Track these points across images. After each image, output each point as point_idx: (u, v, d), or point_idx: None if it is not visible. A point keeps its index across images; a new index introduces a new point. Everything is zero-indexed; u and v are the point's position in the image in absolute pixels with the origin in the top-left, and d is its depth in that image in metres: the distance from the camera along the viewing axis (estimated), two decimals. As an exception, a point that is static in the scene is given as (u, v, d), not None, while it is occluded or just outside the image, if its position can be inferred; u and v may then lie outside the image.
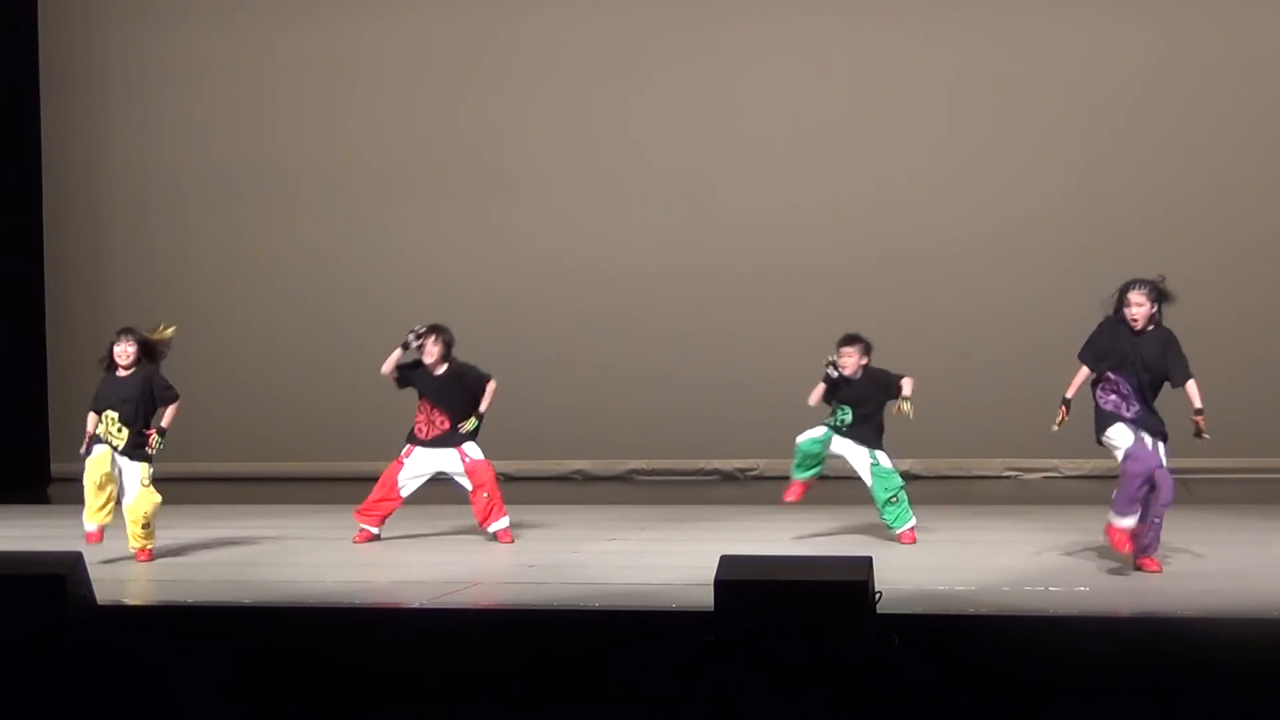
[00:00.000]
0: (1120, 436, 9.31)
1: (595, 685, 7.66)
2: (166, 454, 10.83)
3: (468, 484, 11.11)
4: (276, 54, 16.44)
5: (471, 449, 11.13)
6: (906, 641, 7.32)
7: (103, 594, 8.24)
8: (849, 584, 7.39)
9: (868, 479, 10.90)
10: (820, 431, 10.97)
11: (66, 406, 16.15)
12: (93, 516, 10.43)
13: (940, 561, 9.93)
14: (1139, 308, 9.44)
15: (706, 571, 7.67)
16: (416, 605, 8.56)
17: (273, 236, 16.44)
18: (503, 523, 11.04)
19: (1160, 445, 9.36)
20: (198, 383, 16.32)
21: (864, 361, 10.90)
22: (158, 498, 10.47)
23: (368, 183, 16.29)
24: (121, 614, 8.33)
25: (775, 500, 13.56)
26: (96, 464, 10.42)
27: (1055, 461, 15.19)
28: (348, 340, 16.07)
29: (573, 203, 16.03)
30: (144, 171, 16.65)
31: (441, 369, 11.19)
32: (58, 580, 7.89)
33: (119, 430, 10.48)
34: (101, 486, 10.41)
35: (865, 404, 10.87)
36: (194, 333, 16.48)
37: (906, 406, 10.79)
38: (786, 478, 15.62)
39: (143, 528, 10.45)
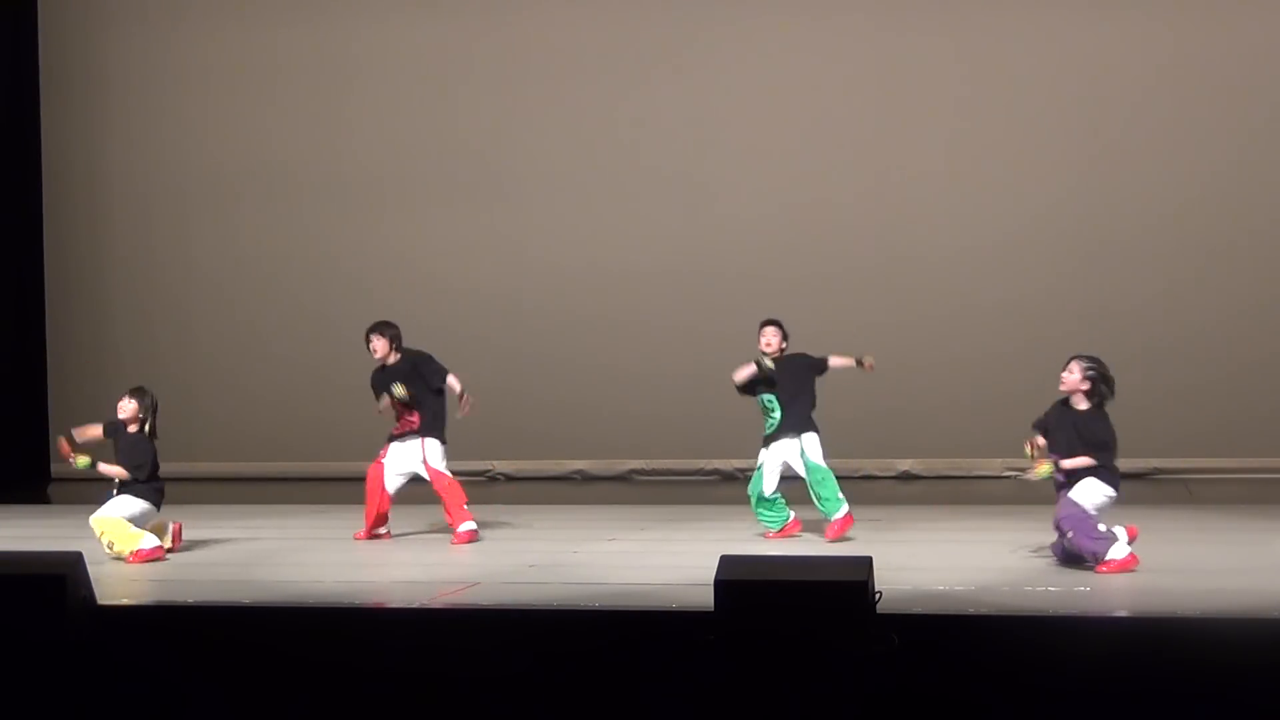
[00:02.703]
0: None
1: (595, 685, 7.66)
2: (168, 454, 10.86)
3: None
4: (276, 55, 16.44)
5: (432, 454, 11.18)
6: (906, 641, 7.32)
7: (103, 594, 8.24)
8: (849, 584, 7.39)
9: (800, 469, 10.90)
10: (760, 461, 10.98)
11: (67, 407, 16.16)
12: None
13: (940, 561, 9.93)
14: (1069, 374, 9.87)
15: (706, 571, 7.67)
16: (416, 605, 8.56)
17: (273, 237, 16.43)
18: (467, 525, 11.13)
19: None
20: (198, 383, 16.41)
21: (783, 345, 11.01)
22: (104, 520, 10.58)
23: (367, 184, 16.29)
24: (121, 614, 8.33)
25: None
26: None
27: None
28: (347, 341, 15.96)
29: (572, 203, 16.03)
30: (144, 171, 16.65)
31: (392, 360, 11.32)
32: (58, 580, 7.88)
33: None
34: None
35: (789, 388, 10.92)
36: (194, 333, 16.58)
37: (869, 359, 11.04)
38: (786, 478, 15.64)
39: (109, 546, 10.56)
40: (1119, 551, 9.28)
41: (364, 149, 16.30)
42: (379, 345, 11.34)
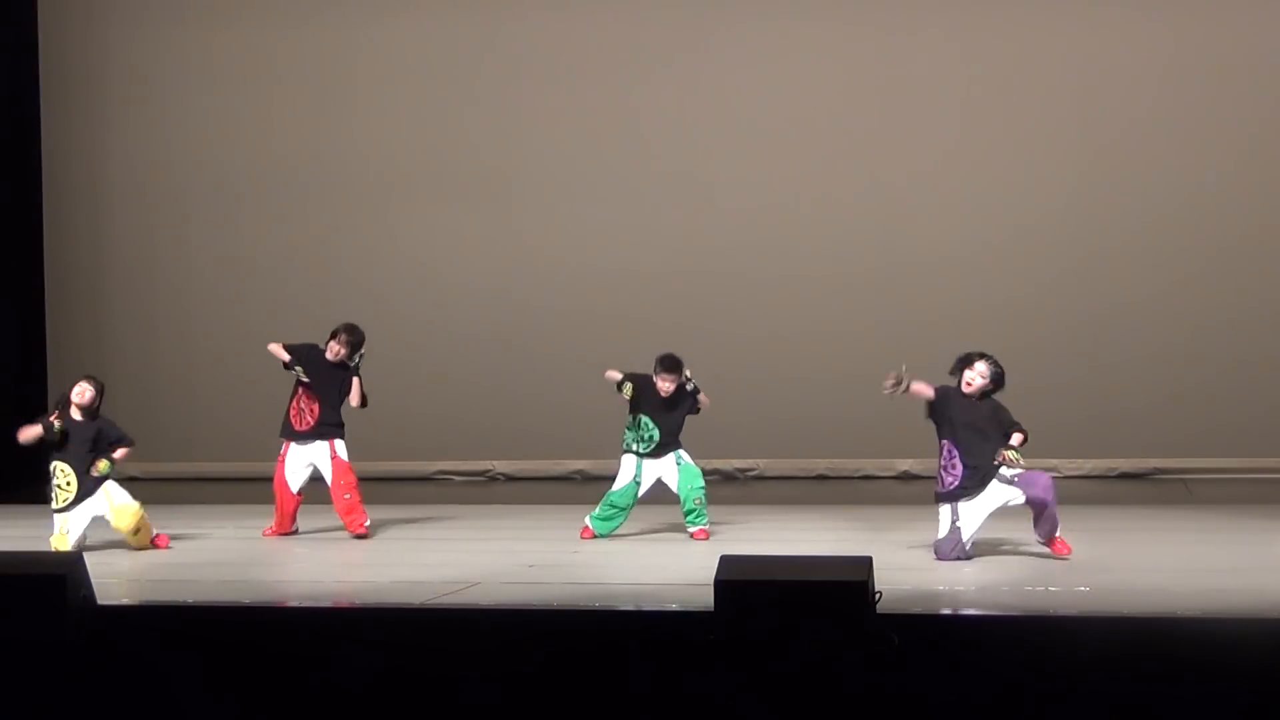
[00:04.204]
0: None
1: (595, 685, 7.66)
2: (168, 454, 10.88)
3: (329, 478, 11.42)
4: (277, 54, 16.43)
5: (340, 448, 11.46)
6: (906, 641, 7.32)
7: (103, 594, 8.24)
8: (849, 584, 7.39)
9: (674, 480, 11.39)
10: (629, 475, 11.48)
11: (66, 407, 16.10)
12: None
13: (941, 561, 9.92)
14: (981, 378, 10.34)
15: (706, 571, 7.67)
16: (417, 605, 8.56)
17: (273, 236, 16.43)
18: (365, 522, 11.28)
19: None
20: (198, 382, 16.41)
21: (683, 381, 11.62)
22: (135, 505, 10.62)
23: (368, 183, 16.29)
24: (121, 614, 8.33)
25: (775, 500, 13.59)
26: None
27: (1055, 461, 15.14)
28: (348, 340, 16.06)
29: (573, 203, 16.02)
30: (144, 171, 16.64)
31: (338, 362, 11.58)
32: (58, 580, 7.89)
33: (68, 484, 10.80)
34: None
35: (675, 420, 11.63)
36: (193, 332, 16.57)
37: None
38: (786, 478, 15.63)
39: (135, 534, 10.67)
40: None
41: (364, 149, 16.29)
42: (336, 349, 11.59)
